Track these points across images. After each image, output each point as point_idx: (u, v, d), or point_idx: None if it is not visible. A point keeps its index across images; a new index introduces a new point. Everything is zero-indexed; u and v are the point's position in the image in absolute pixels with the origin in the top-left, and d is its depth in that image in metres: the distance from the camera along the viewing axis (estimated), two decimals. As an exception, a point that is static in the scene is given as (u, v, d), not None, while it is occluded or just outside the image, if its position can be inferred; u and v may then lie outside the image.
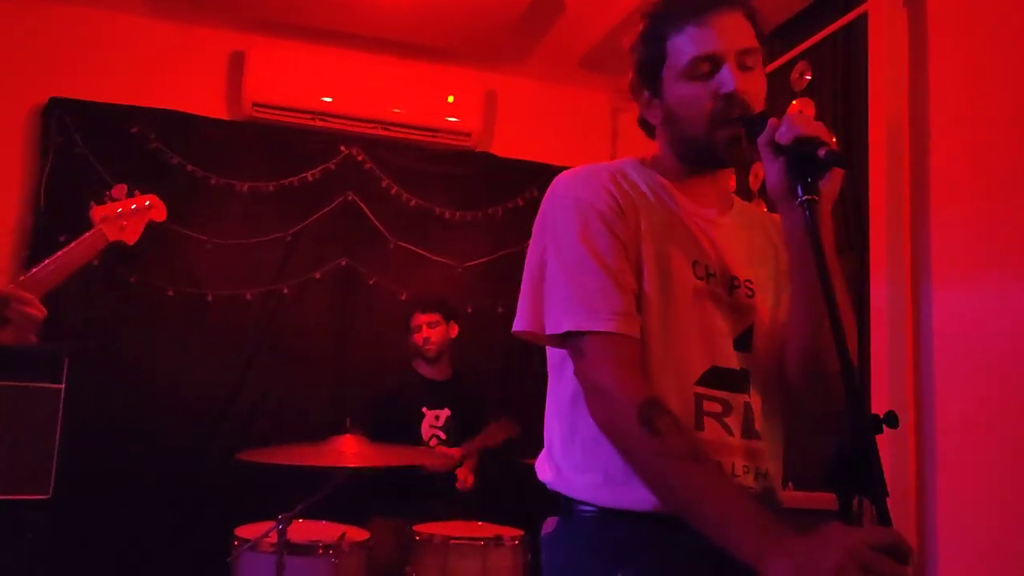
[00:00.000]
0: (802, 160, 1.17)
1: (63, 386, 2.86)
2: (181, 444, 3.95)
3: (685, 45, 1.34)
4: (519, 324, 1.37)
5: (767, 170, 1.24)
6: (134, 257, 4.01)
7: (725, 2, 1.35)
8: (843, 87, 3.52)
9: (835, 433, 1.04)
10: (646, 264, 1.33)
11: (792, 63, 3.79)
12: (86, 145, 4.02)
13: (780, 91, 3.87)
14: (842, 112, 3.52)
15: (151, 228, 3.95)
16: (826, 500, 1.09)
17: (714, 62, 1.32)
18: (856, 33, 3.41)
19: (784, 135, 1.19)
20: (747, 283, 1.41)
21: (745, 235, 1.47)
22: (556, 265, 1.33)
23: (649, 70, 1.39)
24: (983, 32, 2.93)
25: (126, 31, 4.23)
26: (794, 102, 3.73)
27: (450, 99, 4.47)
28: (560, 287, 1.31)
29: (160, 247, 4.08)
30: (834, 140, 1.21)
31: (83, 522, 3.53)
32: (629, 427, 1.20)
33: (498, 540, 3.01)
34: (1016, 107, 2.78)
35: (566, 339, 1.31)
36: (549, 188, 1.41)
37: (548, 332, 1.32)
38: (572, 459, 1.36)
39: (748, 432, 1.35)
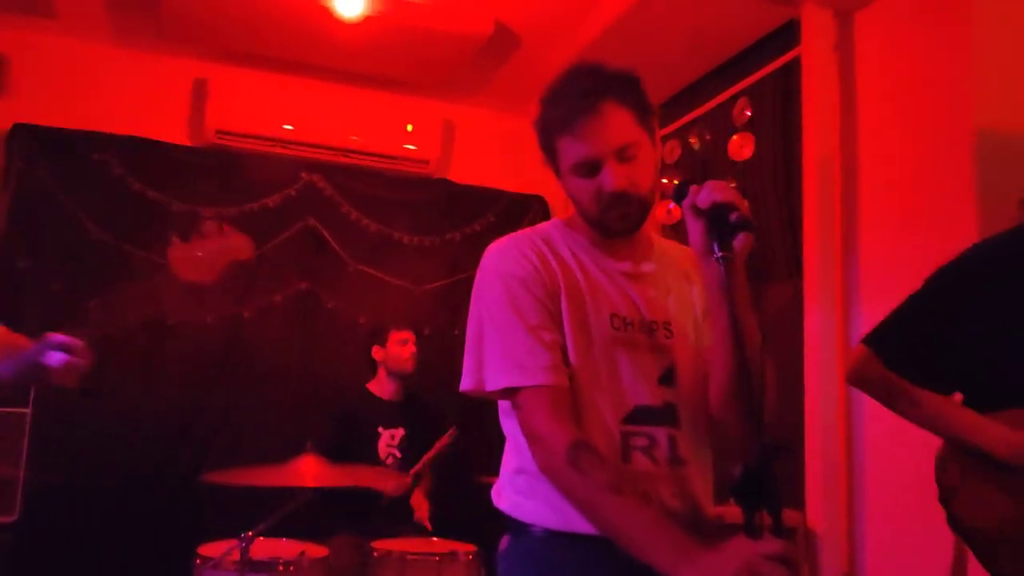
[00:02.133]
0: (718, 222, 1.33)
1: (29, 410, 2.92)
2: (144, 466, 3.99)
3: (567, 150, 1.49)
4: (465, 383, 1.54)
5: (690, 229, 1.40)
6: (95, 282, 4.07)
7: (595, 100, 1.45)
8: (782, 122, 3.70)
9: (741, 458, 1.18)
10: (568, 320, 1.51)
11: (734, 99, 3.98)
12: (49, 171, 4.07)
13: (722, 125, 4.06)
14: (780, 146, 3.70)
15: (112, 252, 4.06)
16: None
17: (593, 164, 1.48)
18: (793, 72, 3.59)
19: (703, 200, 1.35)
20: (665, 325, 1.57)
21: (662, 281, 1.62)
22: (490, 330, 1.51)
23: (549, 158, 1.56)
24: (908, 74, 3.13)
25: (91, 59, 4.30)
26: (735, 136, 3.92)
27: (409, 128, 4.61)
28: (495, 349, 1.49)
29: (122, 272, 4.13)
30: (746, 206, 1.37)
31: (49, 543, 3.57)
32: (560, 468, 1.39)
33: (453, 555, 3.12)
34: (937, 145, 2.98)
35: (505, 393, 1.50)
36: (481, 261, 1.58)
37: (488, 389, 1.50)
38: (522, 488, 1.55)
39: (674, 460, 1.52)
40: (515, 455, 1.58)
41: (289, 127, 4.41)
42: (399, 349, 3.82)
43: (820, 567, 3.15)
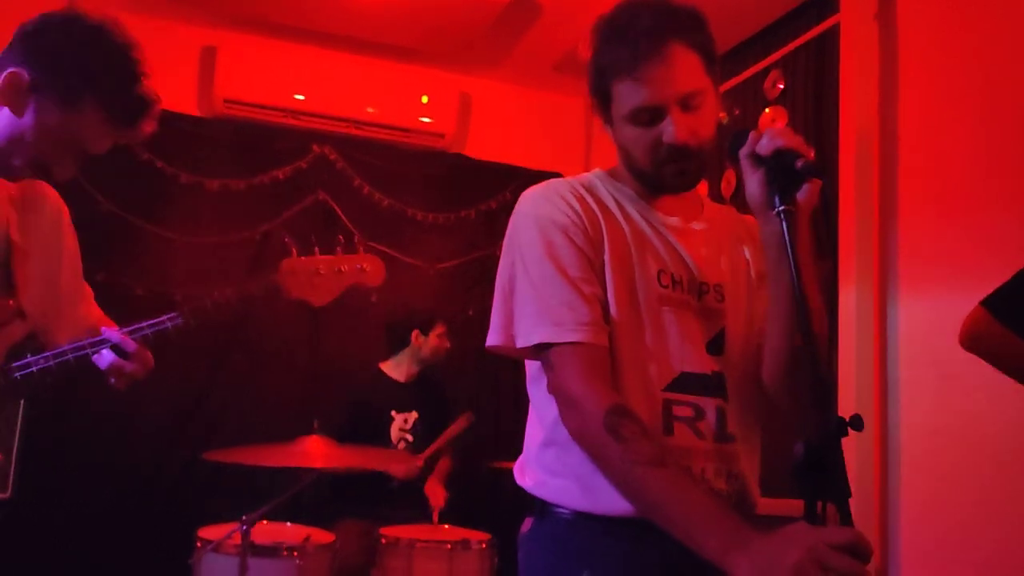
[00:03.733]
0: (780, 171, 1.19)
1: (24, 384, 2.80)
2: (145, 445, 3.90)
3: (626, 95, 1.35)
4: (492, 339, 1.40)
5: (747, 181, 1.26)
6: (101, 255, 3.97)
7: (662, 41, 1.32)
8: (815, 96, 3.56)
9: (802, 435, 1.04)
10: (611, 275, 1.37)
11: (766, 71, 3.83)
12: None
13: (753, 99, 3.91)
14: (814, 121, 3.55)
15: (119, 224, 3.95)
16: (792, 507, 1.10)
17: (655, 112, 1.34)
18: (828, 44, 3.45)
19: (765, 147, 1.21)
20: (717, 288, 1.44)
21: (715, 240, 1.48)
22: (523, 280, 1.36)
23: (600, 104, 1.41)
24: (952, 45, 2.98)
25: (96, 24, 4.17)
26: (767, 110, 3.76)
27: (424, 100, 4.46)
28: (528, 302, 1.35)
29: (128, 245, 4.04)
30: (812, 153, 1.21)
31: (44, 522, 3.48)
32: (597, 434, 1.23)
33: (465, 544, 3.00)
34: (982, 119, 2.83)
35: (537, 351, 1.35)
36: (516, 206, 1.44)
37: (519, 345, 1.36)
38: (548, 464, 1.40)
39: (721, 436, 1.38)
40: (540, 426, 1.43)
41: (300, 97, 4.27)
42: (439, 342, 3.78)
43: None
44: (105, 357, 1.68)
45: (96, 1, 4.07)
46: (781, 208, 1.18)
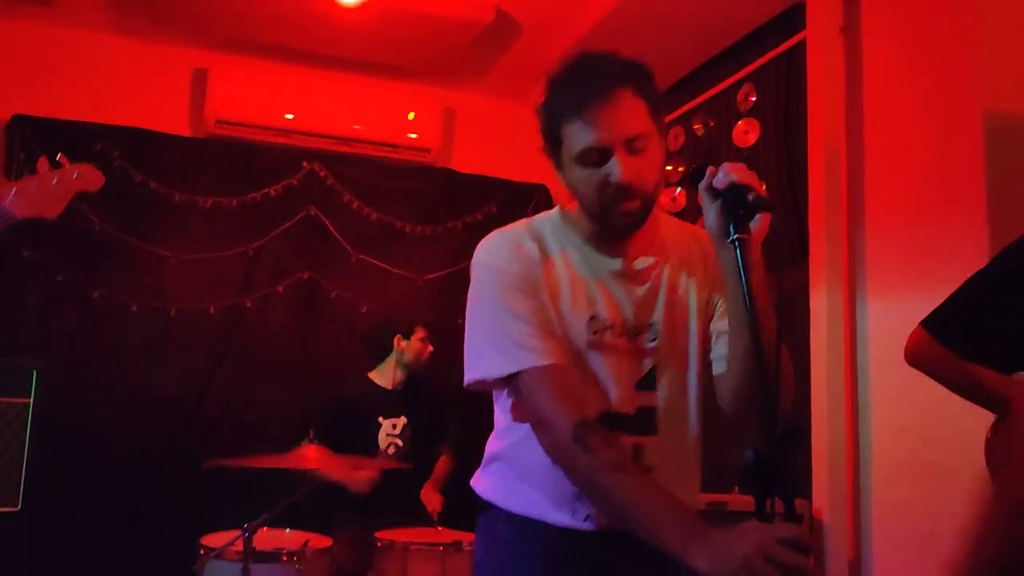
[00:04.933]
0: (734, 203, 1.30)
1: (31, 400, 2.91)
2: (146, 456, 4.00)
3: (575, 136, 1.44)
4: (468, 377, 1.55)
5: (705, 212, 1.37)
6: (98, 273, 4.08)
7: (609, 87, 1.41)
8: (786, 108, 3.67)
9: (751, 443, 1.16)
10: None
11: (739, 84, 3.94)
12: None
13: (727, 111, 4.03)
14: (785, 132, 3.67)
15: (115, 243, 4.06)
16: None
17: (602, 152, 1.43)
18: (797, 57, 3.56)
19: (720, 182, 1.32)
20: (652, 327, 1.56)
21: (657, 277, 1.58)
22: (485, 322, 1.52)
23: (551, 147, 1.51)
24: (915, 57, 3.09)
25: (90, 49, 4.28)
26: (740, 122, 3.88)
27: (410, 116, 4.58)
28: (491, 339, 1.50)
29: (124, 262, 4.14)
30: (763, 187, 1.34)
31: (53, 533, 3.58)
32: (566, 447, 1.38)
33: (457, 545, 3.11)
34: (942, 128, 2.94)
35: (508, 381, 1.49)
36: (474, 254, 1.58)
37: (490, 379, 1.50)
38: (493, 472, 1.65)
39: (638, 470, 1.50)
40: (495, 440, 1.64)
41: (290, 116, 4.39)
42: (421, 345, 3.84)
43: (826, 556, 3.14)
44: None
45: (93, 28, 4.21)
46: (735, 237, 1.29)
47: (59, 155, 2.14)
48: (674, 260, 1.61)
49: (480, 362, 1.51)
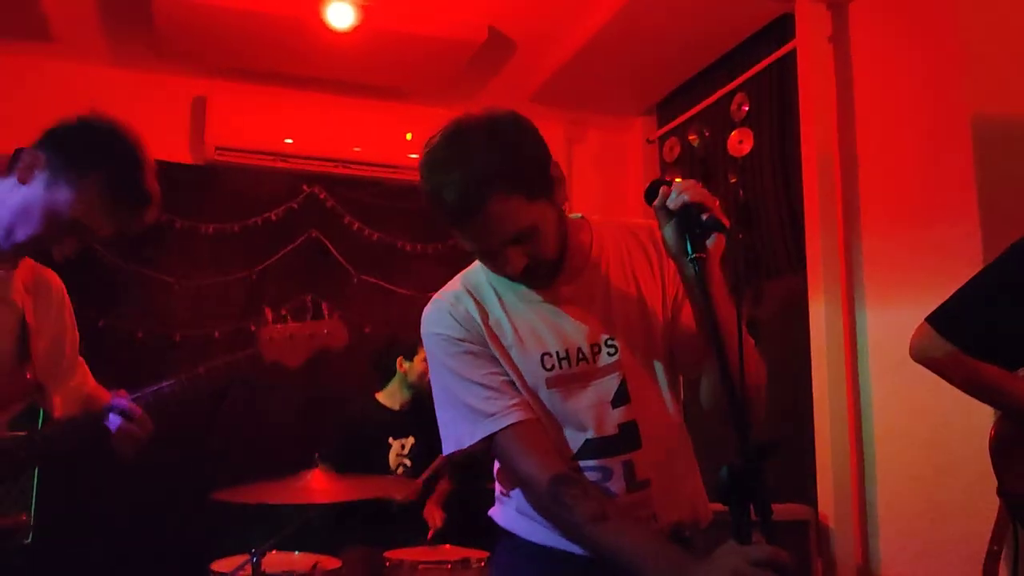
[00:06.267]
0: (690, 223, 1.30)
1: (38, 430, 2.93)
2: (155, 483, 4.01)
3: (463, 242, 1.44)
4: (446, 448, 1.55)
5: (662, 230, 1.36)
6: (102, 302, 4.12)
7: (476, 205, 1.34)
8: (779, 117, 3.71)
9: (726, 460, 1.17)
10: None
11: (732, 94, 3.98)
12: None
13: (721, 121, 4.06)
14: (779, 140, 3.70)
15: (119, 271, 4.09)
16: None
17: (489, 253, 1.43)
18: (789, 66, 3.60)
19: (674, 202, 1.31)
20: (608, 341, 1.52)
21: (599, 290, 1.55)
22: (445, 393, 1.54)
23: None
24: (904, 64, 3.12)
25: (91, 81, 4.32)
26: (734, 132, 3.91)
27: (408, 136, 4.61)
28: (456, 407, 1.51)
29: (128, 290, 4.18)
30: (717, 205, 1.34)
31: (62, 562, 3.59)
32: (547, 506, 1.42)
33: (465, 563, 3.12)
34: (932, 135, 2.97)
35: (483, 444, 1.49)
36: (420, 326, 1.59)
37: (465, 447, 1.50)
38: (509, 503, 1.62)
39: (633, 486, 1.51)
40: (497, 481, 1.65)
41: (289, 141, 4.42)
42: (424, 366, 3.83)
43: (834, 561, 3.15)
44: (113, 422, 1.82)
45: (91, 61, 4.26)
46: (693, 256, 1.28)
47: (324, 305, 2.17)
48: (614, 264, 1.57)
49: (450, 434, 1.53)
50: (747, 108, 3.88)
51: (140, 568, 3.87)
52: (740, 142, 3.89)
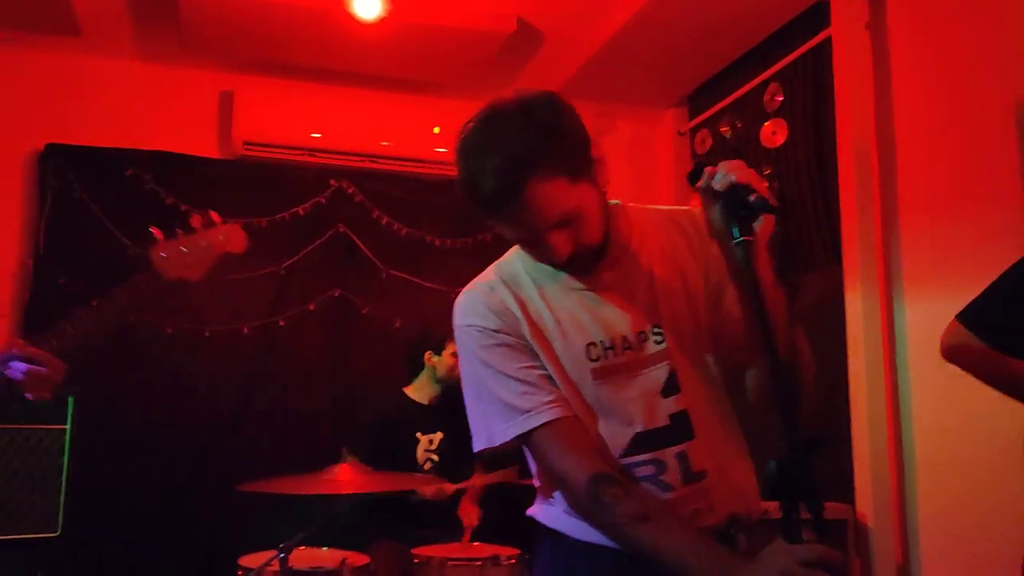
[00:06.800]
0: (736, 205, 1.24)
1: (68, 427, 2.95)
2: (183, 477, 4.02)
3: (501, 228, 1.37)
4: (477, 444, 1.50)
5: (707, 212, 1.31)
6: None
7: (516, 190, 1.29)
8: (814, 107, 3.64)
9: (775, 453, 1.12)
10: (544, 364, 1.45)
11: (765, 84, 3.91)
12: (83, 189, 4.12)
13: (754, 112, 3.99)
14: (813, 131, 3.63)
15: (145, 266, 4.09)
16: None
17: (530, 240, 1.38)
18: (824, 54, 3.53)
19: (719, 182, 1.25)
20: (654, 330, 1.46)
21: (642, 278, 1.48)
22: (478, 386, 1.47)
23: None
24: (943, 48, 3.04)
25: (119, 76, 4.34)
26: (767, 123, 3.84)
27: (436, 130, 4.58)
28: (490, 402, 1.45)
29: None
30: (764, 186, 1.29)
31: (91, 557, 3.61)
32: (586, 505, 1.36)
33: (495, 560, 3.08)
34: (974, 120, 2.89)
35: (519, 441, 1.44)
36: (452, 318, 1.53)
37: (497, 443, 1.45)
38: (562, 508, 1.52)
39: (689, 478, 1.44)
40: (536, 478, 1.58)
41: (316, 135, 4.41)
42: (453, 360, 3.80)
43: (873, 560, 3.07)
44: (17, 368, 1.77)
45: (120, 56, 4.27)
46: (740, 239, 1.23)
47: (211, 213, 2.12)
48: (656, 250, 1.51)
49: (481, 430, 1.47)
50: (781, 98, 3.81)
51: (169, 560, 3.88)
52: (774, 133, 3.82)
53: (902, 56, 3.22)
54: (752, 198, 1.22)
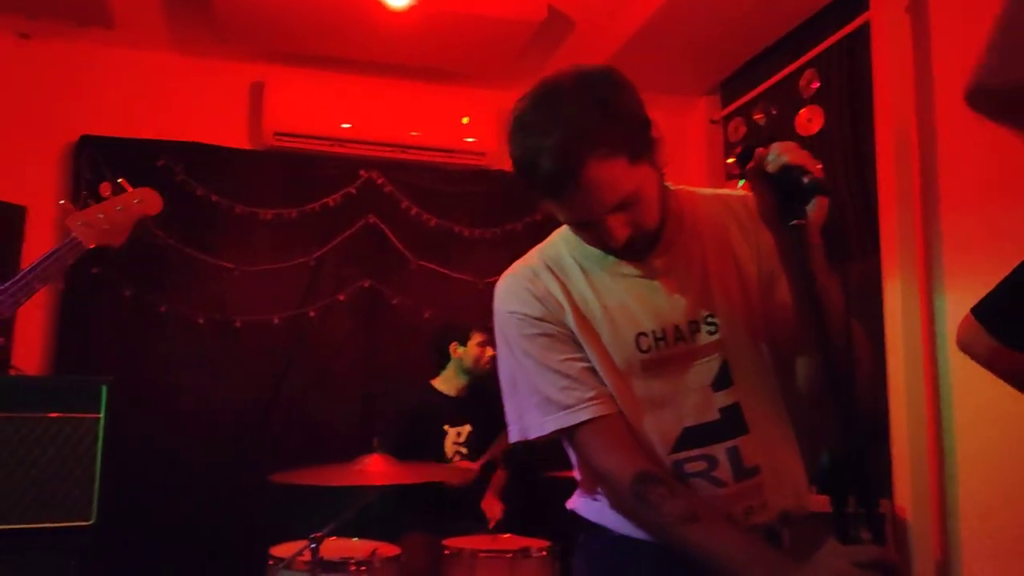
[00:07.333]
0: (788, 187, 1.19)
1: (101, 415, 2.96)
2: (215, 467, 4.05)
3: (556, 212, 1.32)
4: (512, 435, 1.45)
5: (756, 195, 1.25)
6: (163, 287, 4.16)
7: (575, 173, 1.23)
8: (851, 93, 3.56)
9: (828, 445, 1.08)
10: (590, 357, 1.39)
11: (800, 71, 3.83)
12: (112, 188, 4.14)
13: (789, 99, 3.92)
14: (850, 118, 3.55)
15: (179, 256, 4.13)
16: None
17: (588, 224, 1.31)
18: (861, 40, 3.45)
19: (772, 164, 1.20)
20: (708, 319, 1.40)
21: (696, 264, 1.43)
22: (518, 376, 1.42)
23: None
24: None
25: (151, 68, 4.36)
26: (803, 110, 3.77)
27: (465, 120, 4.56)
28: (529, 394, 1.40)
29: (189, 276, 4.21)
30: (819, 168, 1.23)
31: (125, 545, 3.63)
32: (630, 504, 1.32)
33: (526, 552, 3.06)
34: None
35: (558, 435, 1.40)
36: (493, 302, 1.47)
37: (533, 437, 1.40)
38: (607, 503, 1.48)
39: (740, 474, 1.39)
40: (577, 471, 1.55)
41: (346, 125, 4.40)
42: (479, 350, 3.80)
43: (912, 556, 3.01)
44: None
45: (152, 47, 4.29)
46: (792, 223, 1.18)
47: (120, 180, 2.17)
48: (709, 235, 1.45)
49: (516, 422, 1.43)
50: (817, 85, 3.73)
51: (201, 549, 3.91)
52: (809, 120, 3.74)
53: (944, 41, 3.13)
54: (806, 180, 1.17)
